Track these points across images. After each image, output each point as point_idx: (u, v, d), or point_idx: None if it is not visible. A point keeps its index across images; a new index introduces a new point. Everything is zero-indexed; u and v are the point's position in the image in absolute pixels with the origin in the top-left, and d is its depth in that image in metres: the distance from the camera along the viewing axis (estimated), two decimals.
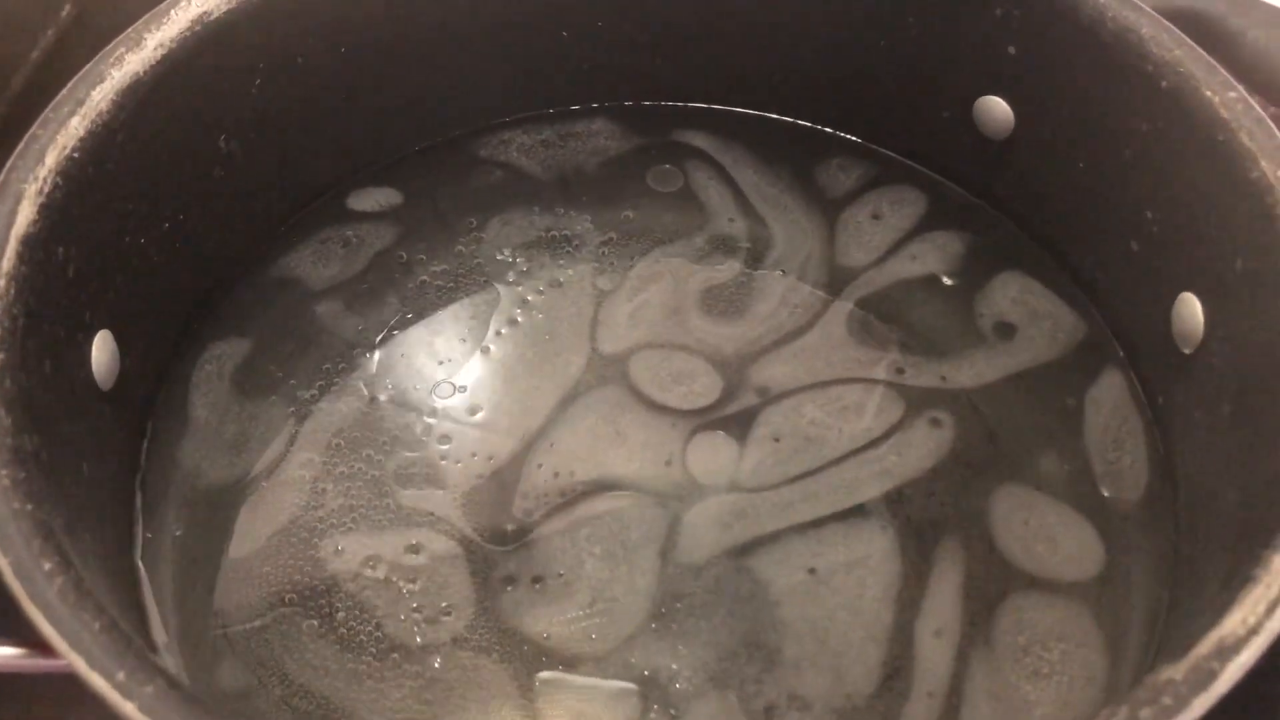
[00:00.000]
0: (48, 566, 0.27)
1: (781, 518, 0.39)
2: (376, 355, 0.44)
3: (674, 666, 0.36)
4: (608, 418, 0.42)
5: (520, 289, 0.45)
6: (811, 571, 0.38)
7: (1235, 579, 0.28)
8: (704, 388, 0.43)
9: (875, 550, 0.39)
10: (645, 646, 0.37)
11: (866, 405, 0.42)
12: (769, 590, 0.38)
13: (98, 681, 0.25)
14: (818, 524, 0.39)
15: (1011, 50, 0.43)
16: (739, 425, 0.42)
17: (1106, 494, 0.40)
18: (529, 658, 0.37)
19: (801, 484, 0.40)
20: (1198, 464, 0.38)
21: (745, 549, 0.39)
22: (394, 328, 0.44)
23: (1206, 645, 0.26)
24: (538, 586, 0.38)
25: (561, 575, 0.38)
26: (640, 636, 0.37)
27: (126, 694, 0.25)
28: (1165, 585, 0.37)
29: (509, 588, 0.38)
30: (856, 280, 0.45)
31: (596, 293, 0.45)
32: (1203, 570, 0.34)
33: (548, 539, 0.39)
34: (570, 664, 0.36)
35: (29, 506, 0.28)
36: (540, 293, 0.45)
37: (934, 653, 0.37)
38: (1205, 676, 0.26)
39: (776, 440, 0.41)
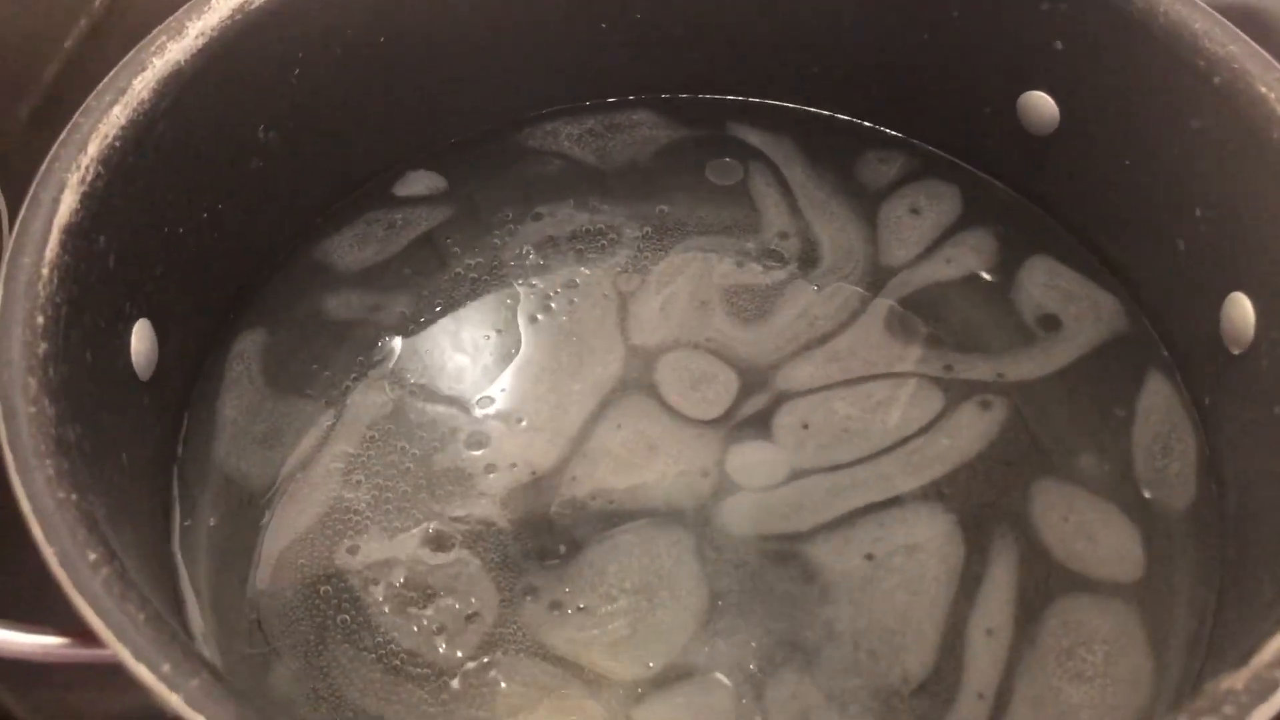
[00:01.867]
0: (92, 557, 0.27)
1: (825, 510, 0.39)
2: (411, 348, 0.43)
3: (738, 657, 0.36)
4: (640, 431, 0.41)
5: (552, 282, 0.45)
6: (869, 557, 0.38)
7: None
8: (735, 390, 0.42)
9: (935, 535, 0.38)
10: (703, 650, 0.36)
11: (900, 399, 0.42)
12: (823, 580, 0.37)
13: (144, 673, 0.25)
14: (864, 511, 0.39)
15: (1058, 45, 0.42)
16: (774, 422, 0.41)
17: (1150, 495, 0.39)
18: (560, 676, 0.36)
19: (843, 473, 0.40)
20: (1247, 467, 0.37)
21: (791, 542, 0.38)
22: (429, 320, 0.44)
23: (1269, 653, 0.25)
24: (577, 610, 0.37)
25: (607, 595, 0.37)
26: (695, 641, 0.36)
27: (173, 686, 0.25)
28: (1212, 589, 0.37)
29: (551, 610, 0.37)
30: (896, 278, 0.45)
31: (626, 291, 0.45)
32: (1254, 576, 0.34)
33: (590, 562, 0.38)
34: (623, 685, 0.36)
35: (73, 496, 0.28)
36: (574, 287, 0.45)
37: (985, 651, 0.36)
38: (1267, 686, 0.25)
39: (805, 427, 0.41)
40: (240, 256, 0.43)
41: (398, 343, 0.44)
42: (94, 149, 0.34)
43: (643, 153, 0.49)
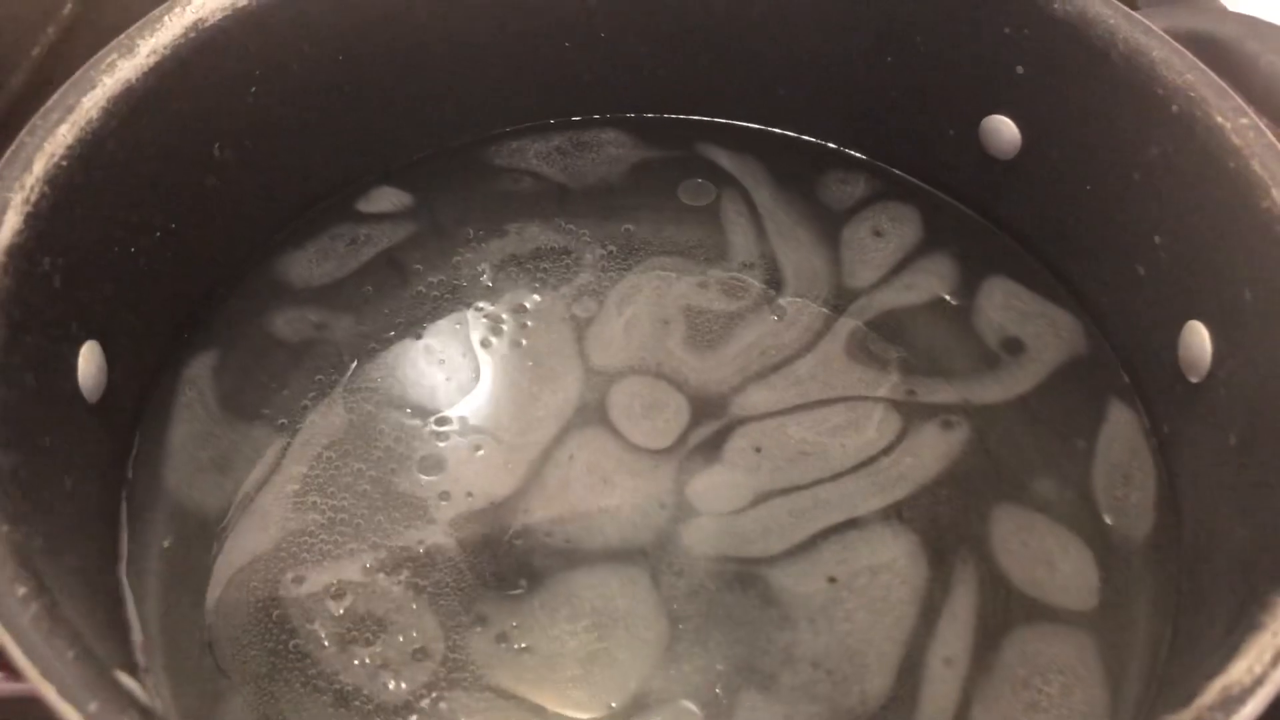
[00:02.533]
0: (22, 591, 0.26)
1: (788, 534, 0.39)
2: (370, 368, 0.43)
3: (699, 683, 0.36)
4: (594, 462, 0.41)
5: (512, 304, 0.45)
6: (832, 580, 0.38)
7: (1241, 623, 0.27)
8: (687, 418, 0.42)
9: (898, 556, 0.38)
10: (665, 679, 0.36)
11: (860, 422, 0.41)
12: (784, 603, 0.37)
13: (68, 712, 0.24)
14: (827, 534, 0.39)
15: (1020, 70, 0.42)
16: (728, 446, 0.41)
17: (1110, 523, 0.39)
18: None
19: (803, 495, 0.40)
20: (1203, 497, 0.37)
21: (753, 566, 0.38)
22: (389, 340, 0.44)
23: (1211, 695, 0.25)
24: (532, 647, 0.37)
25: (564, 631, 0.37)
26: (655, 672, 0.36)
27: None
28: (1168, 621, 0.37)
29: (503, 645, 0.36)
30: (858, 301, 0.45)
31: (583, 315, 0.44)
32: (1208, 608, 0.34)
33: (546, 597, 0.37)
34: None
35: (4, 528, 0.27)
36: (534, 309, 0.45)
37: (942, 679, 0.36)
38: None
39: (758, 451, 0.41)
40: (195, 276, 0.42)
41: (356, 363, 0.43)
42: (39, 168, 0.33)
43: (610, 172, 0.49)
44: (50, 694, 0.24)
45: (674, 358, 0.43)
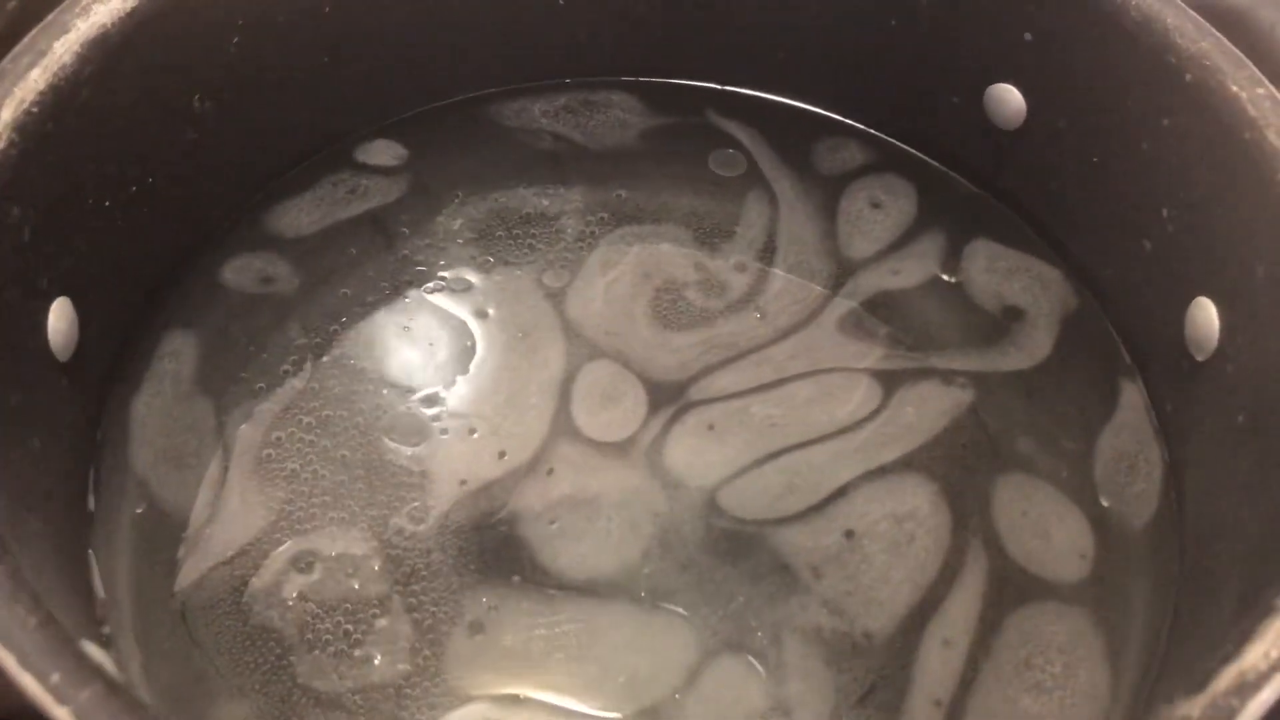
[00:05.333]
0: None
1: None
2: (353, 334, 0.42)
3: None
4: (582, 444, 0.39)
5: (493, 272, 0.43)
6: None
7: (1254, 607, 0.26)
8: (659, 397, 0.40)
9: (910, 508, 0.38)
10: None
11: (855, 393, 0.40)
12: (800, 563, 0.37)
13: (29, 682, 0.23)
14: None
15: (1028, 36, 0.41)
16: (720, 420, 0.40)
17: (1108, 504, 0.38)
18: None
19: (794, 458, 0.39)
20: (1208, 478, 0.36)
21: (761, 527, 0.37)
22: (372, 305, 0.42)
23: (1226, 680, 0.24)
24: (534, 640, 0.35)
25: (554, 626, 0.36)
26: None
27: (61, 698, 0.23)
28: (1169, 602, 0.36)
29: (476, 634, 0.35)
30: (854, 275, 0.43)
31: (558, 287, 0.43)
32: (1212, 591, 0.33)
33: (540, 589, 0.36)
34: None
35: None
36: (515, 278, 0.43)
37: (941, 661, 0.35)
38: (1224, 714, 0.24)
39: (773, 425, 0.40)
40: (173, 233, 0.41)
41: (337, 328, 0.42)
42: (8, 114, 0.32)
43: (611, 136, 0.47)
44: (10, 663, 0.23)
45: (659, 325, 0.42)
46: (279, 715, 0.34)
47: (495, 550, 0.37)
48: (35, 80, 0.33)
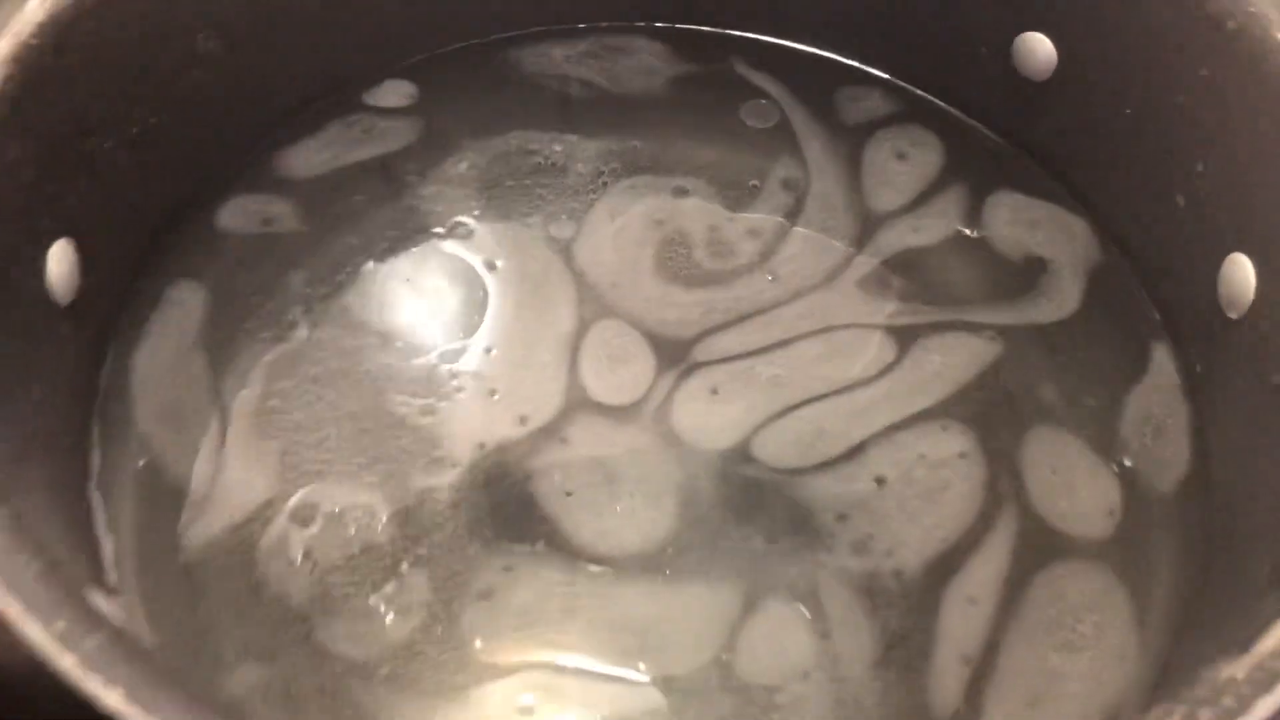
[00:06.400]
0: None
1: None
2: (359, 285, 0.40)
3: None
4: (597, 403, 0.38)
5: (502, 223, 0.42)
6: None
7: None
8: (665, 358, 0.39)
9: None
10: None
11: (865, 350, 0.39)
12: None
13: (33, 630, 0.22)
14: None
15: None
16: (752, 372, 0.39)
17: (1132, 464, 0.37)
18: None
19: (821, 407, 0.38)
20: (1239, 439, 0.35)
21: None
22: (381, 254, 0.41)
23: (1272, 642, 0.23)
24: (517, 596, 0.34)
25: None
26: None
27: (67, 644, 0.22)
28: (1198, 563, 0.35)
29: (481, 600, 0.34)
30: (880, 228, 0.42)
31: (565, 237, 0.42)
32: (1244, 553, 0.32)
33: (560, 553, 0.35)
34: None
35: None
36: (524, 228, 0.42)
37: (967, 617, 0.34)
38: (1271, 677, 0.23)
39: (777, 383, 0.38)
40: (178, 175, 0.40)
41: (344, 277, 0.41)
42: (7, 47, 0.31)
43: (636, 82, 0.46)
44: (13, 610, 0.22)
45: (691, 271, 0.41)
46: (287, 671, 0.33)
47: (513, 515, 0.36)
48: (34, 12, 0.32)
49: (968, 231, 0.42)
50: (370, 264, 0.41)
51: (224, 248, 0.41)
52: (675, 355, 0.39)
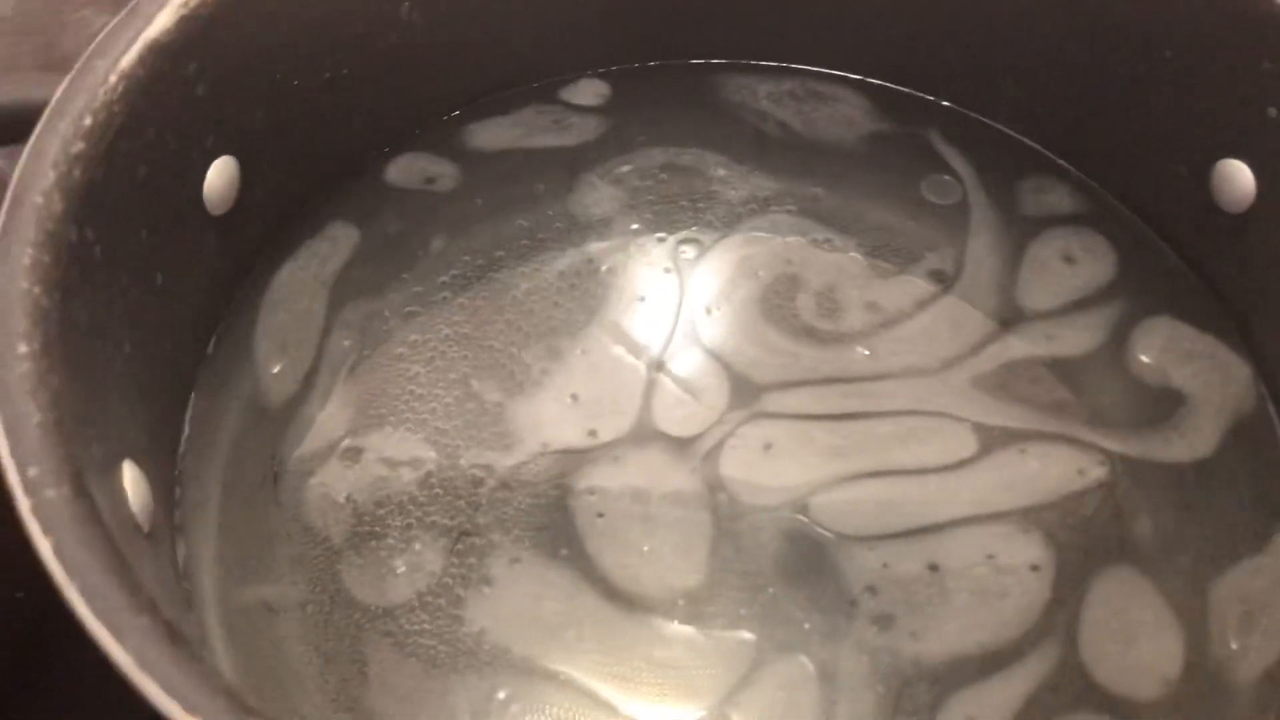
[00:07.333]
0: (38, 419, 0.25)
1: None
2: (514, 271, 0.41)
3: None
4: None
5: (668, 241, 0.43)
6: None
7: None
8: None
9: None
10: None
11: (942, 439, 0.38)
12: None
13: (10, 471, 0.24)
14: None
15: (1272, 113, 0.37)
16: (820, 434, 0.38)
17: (1207, 638, 0.34)
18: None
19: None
20: None
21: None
22: (540, 243, 0.42)
23: None
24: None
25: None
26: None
27: (29, 490, 0.24)
28: None
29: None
30: (1022, 325, 0.40)
31: (698, 257, 0.42)
32: None
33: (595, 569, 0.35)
34: None
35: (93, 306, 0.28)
36: (688, 252, 0.42)
37: None
38: None
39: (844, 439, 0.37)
40: (357, 124, 0.42)
41: (504, 253, 0.42)
42: None
43: (828, 133, 0.46)
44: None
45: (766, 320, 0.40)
46: (304, 594, 0.35)
47: (544, 520, 0.36)
48: None
49: (1112, 348, 0.40)
50: (529, 250, 0.42)
51: (389, 201, 0.43)
52: (746, 397, 0.38)
